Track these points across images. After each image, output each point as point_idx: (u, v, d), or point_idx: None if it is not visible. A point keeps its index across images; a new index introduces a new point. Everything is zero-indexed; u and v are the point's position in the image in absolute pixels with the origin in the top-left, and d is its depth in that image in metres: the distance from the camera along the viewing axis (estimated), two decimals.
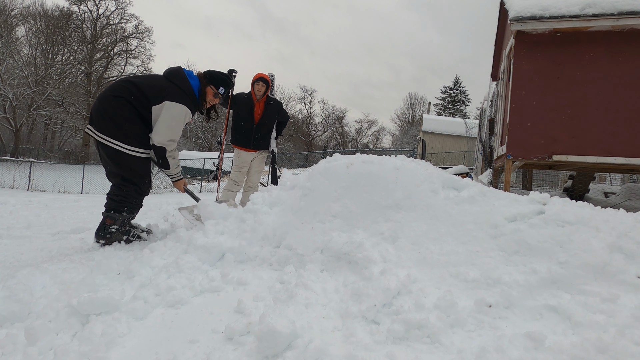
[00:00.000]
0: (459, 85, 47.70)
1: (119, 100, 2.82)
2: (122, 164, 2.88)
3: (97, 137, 2.84)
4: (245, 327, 1.71)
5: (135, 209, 3.06)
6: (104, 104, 2.83)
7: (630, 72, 5.06)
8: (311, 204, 2.75)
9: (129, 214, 3.01)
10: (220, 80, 3.24)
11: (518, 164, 5.80)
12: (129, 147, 2.85)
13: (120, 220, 2.97)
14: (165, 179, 18.96)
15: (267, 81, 4.54)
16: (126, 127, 2.83)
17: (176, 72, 3.07)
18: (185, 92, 2.99)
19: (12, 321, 1.83)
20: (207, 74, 3.23)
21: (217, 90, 3.22)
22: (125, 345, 1.67)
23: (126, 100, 2.82)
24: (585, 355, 1.48)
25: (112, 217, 2.94)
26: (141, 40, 36.11)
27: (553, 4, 5.21)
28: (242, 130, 4.57)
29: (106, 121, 2.81)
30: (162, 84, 2.94)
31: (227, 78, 3.31)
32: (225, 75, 3.33)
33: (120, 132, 2.82)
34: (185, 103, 2.94)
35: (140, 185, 2.99)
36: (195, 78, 3.13)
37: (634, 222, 2.26)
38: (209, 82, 3.20)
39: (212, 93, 3.22)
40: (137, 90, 2.85)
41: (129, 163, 2.90)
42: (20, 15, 30.31)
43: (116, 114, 2.81)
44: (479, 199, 2.62)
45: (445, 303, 1.81)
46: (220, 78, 3.25)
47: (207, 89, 3.20)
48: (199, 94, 3.14)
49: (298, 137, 47.06)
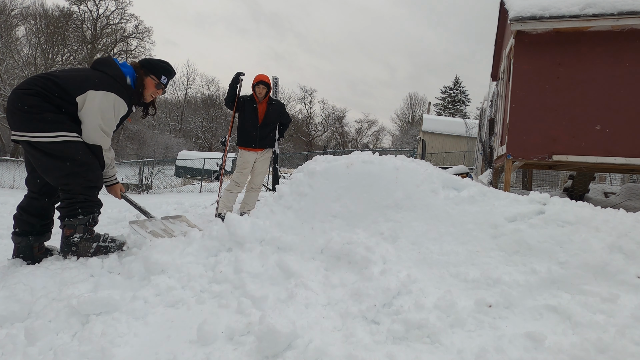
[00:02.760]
0: (459, 85, 47.70)
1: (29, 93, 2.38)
2: (54, 156, 2.40)
3: (18, 137, 2.40)
4: (245, 327, 1.71)
5: (92, 207, 2.58)
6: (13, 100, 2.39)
7: (631, 72, 5.06)
8: (311, 204, 2.75)
9: (86, 215, 2.54)
10: (160, 68, 2.81)
11: (518, 164, 5.80)
12: (53, 134, 2.38)
13: (80, 227, 2.52)
14: (165, 178, 19.02)
15: (267, 84, 4.57)
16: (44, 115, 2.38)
17: (105, 61, 2.67)
18: (116, 79, 2.58)
19: (12, 321, 1.83)
20: (144, 63, 2.80)
21: (160, 80, 2.80)
22: (125, 345, 1.67)
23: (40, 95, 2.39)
24: (585, 355, 1.49)
25: (69, 225, 2.51)
26: (141, 40, 36.12)
27: (553, 4, 5.21)
28: (247, 131, 4.60)
29: (18, 115, 2.37)
30: (86, 74, 2.54)
31: (168, 65, 2.87)
32: (165, 62, 2.88)
33: (39, 123, 2.36)
34: (115, 91, 2.53)
35: (86, 175, 2.49)
36: (128, 67, 2.72)
37: (634, 222, 2.26)
38: (147, 71, 2.77)
39: (153, 84, 2.79)
40: (53, 85, 2.42)
41: (61, 152, 2.41)
42: (20, 15, 30.29)
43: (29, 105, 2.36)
44: (479, 199, 2.62)
45: (445, 303, 1.81)
46: (160, 66, 2.82)
47: (147, 80, 2.77)
48: (136, 85, 2.73)
49: (298, 137, 47.07)
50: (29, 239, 2.55)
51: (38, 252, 2.61)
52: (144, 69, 2.77)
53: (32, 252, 2.57)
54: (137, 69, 2.75)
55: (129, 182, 17.05)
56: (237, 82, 4.57)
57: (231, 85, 4.58)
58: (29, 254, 2.57)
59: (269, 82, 4.61)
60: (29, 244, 2.56)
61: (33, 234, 2.57)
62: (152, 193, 15.55)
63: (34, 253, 2.58)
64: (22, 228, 2.55)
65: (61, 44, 31.33)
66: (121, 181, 16.92)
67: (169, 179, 19.57)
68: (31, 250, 2.57)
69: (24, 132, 2.39)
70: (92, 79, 2.50)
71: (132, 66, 2.75)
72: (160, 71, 2.81)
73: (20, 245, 2.56)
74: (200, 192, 14.17)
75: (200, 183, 17.56)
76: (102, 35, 34.81)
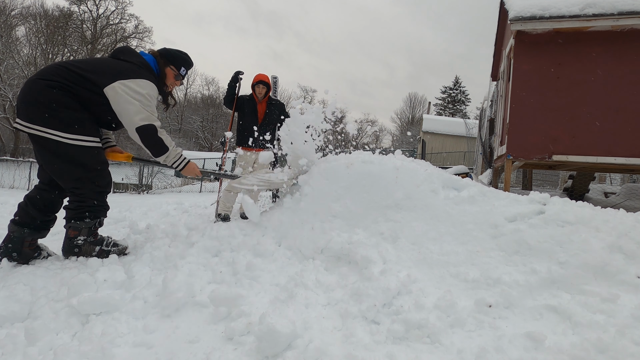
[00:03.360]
0: (459, 86, 47.69)
1: (52, 85, 2.27)
2: (66, 159, 2.33)
3: (28, 129, 2.28)
4: (245, 327, 1.71)
5: (100, 212, 2.56)
6: (31, 88, 2.28)
7: (631, 72, 5.06)
8: (311, 203, 2.75)
9: (93, 219, 2.52)
10: (180, 59, 2.77)
11: (518, 164, 5.80)
12: (70, 137, 2.30)
13: (85, 229, 2.50)
14: (164, 178, 19.00)
15: (267, 83, 4.57)
16: (65, 113, 2.29)
17: (127, 50, 2.62)
18: (141, 66, 2.54)
19: (12, 321, 1.83)
20: (163, 53, 2.74)
21: (179, 71, 2.77)
22: (125, 345, 1.67)
23: (63, 88, 2.29)
24: (585, 355, 1.49)
25: (74, 227, 2.49)
26: (141, 40, 36.13)
27: (553, 4, 5.21)
28: (247, 130, 4.60)
29: (36, 107, 2.26)
30: (111, 64, 2.47)
31: (187, 56, 2.83)
32: (184, 53, 2.84)
33: (56, 119, 2.27)
34: (145, 77, 2.48)
35: (97, 181, 2.46)
36: (149, 56, 2.68)
37: (634, 222, 2.26)
38: (167, 61, 2.72)
39: (173, 75, 2.75)
40: (78, 77, 2.33)
41: (75, 156, 2.35)
42: (20, 15, 30.30)
43: (50, 99, 2.26)
44: (479, 199, 2.62)
45: (445, 303, 1.81)
46: (179, 57, 2.77)
47: (167, 70, 2.72)
48: (159, 74, 2.69)
49: None
50: (24, 231, 2.46)
51: (29, 247, 2.51)
52: (164, 58, 2.72)
53: (22, 245, 2.47)
54: (158, 59, 2.70)
55: (129, 182, 17.04)
56: (236, 81, 4.56)
57: (230, 85, 4.57)
58: (18, 247, 2.46)
59: (268, 81, 4.61)
60: (22, 236, 2.46)
61: (30, 228, 2.48)
62: (152, 193, 15.55)
63: (23, 247, 2.47)
64: (22, 218, 2.48)
65: (61, 44, 31.32)
66: (121, 181, 17.04)
67: (169, 179, 19.56)
68: (22, 243, 2.47)
69: (38, 125, 2.27)
70: (119, 68, 2.44)
71: (153, 55, 2.71)
72: (180, 62, 2.77)
73: (13, 235, 2.46)
74: (200, 192, 14.17)
75: (200, 183, 17.55)
76: (102, 36, 34.82)
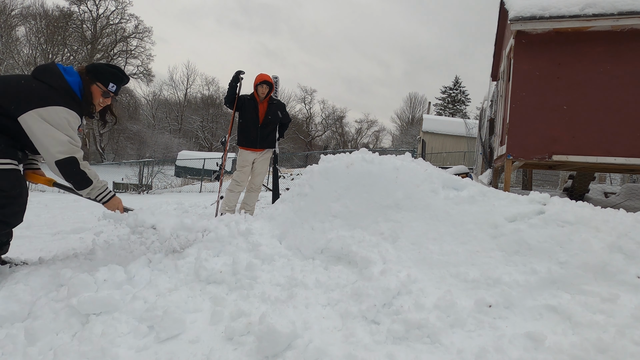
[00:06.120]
0: (458, 85, 47.70)
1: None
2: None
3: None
4: (245, 327, 1.71)
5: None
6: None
7: (631, 72, 5.06)
8: (311, 204, 2.75)
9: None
10: (107, 74, 2.52)
11: (518, 164, 5.80)
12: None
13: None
14: (164, 179, 19.01)
15: (270, 83, 4.53)
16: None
17: (47, 69, 2.37)
18: (60, 91, 2.31)
19: (12, 321, 1.83)
20: (90, 69, 2.50)
21: (107, 89, 2.52)
22: (125, 345, 1.67)
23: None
24: (585, 355, 1.49)
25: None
26: (141, 40, 36.18)
27: (553, 4, 5.21)
28: (247, 130, 4.57)
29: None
30: (26, 86, 2.26)
31: (117, 71, 2.58)
32: (114, 67, 2.59)
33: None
34: (63, 104, 2.27)
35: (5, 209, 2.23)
36: (74, 74, 2.43)
37: (634, 222, 2.26)
38: (93, 78, 2.48)
39: (100, 92, 2.51)
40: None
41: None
42: (20, 15, 30.30)
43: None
44: (479, 199, 2.62)
45: (445, 303, 1.81)
46: (107, 72, 2.52)
47: (93, 87, 2.48)
48: (83, 95, 2.45)
49: (298, 137, 47.06)
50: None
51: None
52: (90, 75, 2.48)
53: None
54: (83, 76, 2.47)
55: (129, 182, 17.05)
56: (237, 80, 4.53)
57: (231, 84, 4.54)
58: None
59: (271, 81, 4.57)
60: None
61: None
62: (152, 193, 15.55)
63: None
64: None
65: (61, 44, 31.33)
66: (121, 181, 17.05)
67: (169, 179, 19.58)
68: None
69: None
70: (36, 92, 2.23)
71: (79, 72, 2.47)
72: (108, 78, 2.52)
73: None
74: (200, 192, 14.17)
75: (200, 183, 17.56)
76: (102, 35, 34.85)
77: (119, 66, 2.64)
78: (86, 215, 5.79)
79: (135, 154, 35.21)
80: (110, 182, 17.05)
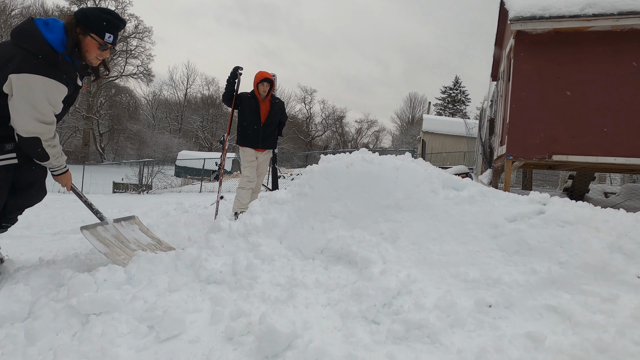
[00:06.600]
0: (458, 85, 47.72)
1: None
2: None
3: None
4: (245, 327, 1.71)
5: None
6: None
7: (631, 72, 5.06)
8: (311, 203, 2.75)
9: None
10: (101, 23, 2.16)
11: (518, 164, 5.80)
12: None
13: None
14: (165, 178, 19.02)
15: (271, 80, 4.42)
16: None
17: (22, 30, 2.06)
18: (38, 54, 2.03)
19: (12, 321, 1.83)
20: (80, 18, 2.15)
21: (104, 40, 2.19)
22: (125, 345, 1.67)
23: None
24: (585, 355, 1.49)
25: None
26: (141, 40, 36.21)
27: (553, 4, 5.21)
28: (249, 130, 4.44)
29: None
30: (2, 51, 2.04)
31: (111, 16, 2.21)
32: (107, 12, 2.22)
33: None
34: (42, 72, 2.02)
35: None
36: (57, 29, 2.10)
37: (634, 222, 2.26)
38: (86, 29, 2.14)
39: (96, 46, 2.19)
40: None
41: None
42: (20, 15, 30.30)
43: None
44: (479, 199, 2.62)
45: (445, 303, 1.81)
46: (101, 19, 2.16)
47: (87, 41, 2.16)
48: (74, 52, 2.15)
49: (298, 137, 47.07)
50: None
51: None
52: (81, 26, 2.14)
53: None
54: (71, 28, 2.13)
55: (129, 182, 17.05)
56: (235, 77, 4.38)
57: (229, 81, 4.39)
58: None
59: (272, 78, 4.45)
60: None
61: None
62: (152, 193, 15.55)
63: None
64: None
65: None
66: (121, 181, 17.04)
67: (169, 179, 19.59)
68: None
69: None
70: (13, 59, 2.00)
71: (67, 24, 2.13)
72: (103, 27, 2.17)
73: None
74: (200, 192, 14.18)
75: (200, 183, 17.57)
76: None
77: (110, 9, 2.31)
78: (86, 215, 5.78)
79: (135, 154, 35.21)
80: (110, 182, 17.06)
